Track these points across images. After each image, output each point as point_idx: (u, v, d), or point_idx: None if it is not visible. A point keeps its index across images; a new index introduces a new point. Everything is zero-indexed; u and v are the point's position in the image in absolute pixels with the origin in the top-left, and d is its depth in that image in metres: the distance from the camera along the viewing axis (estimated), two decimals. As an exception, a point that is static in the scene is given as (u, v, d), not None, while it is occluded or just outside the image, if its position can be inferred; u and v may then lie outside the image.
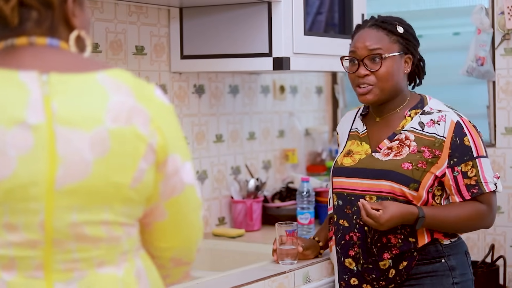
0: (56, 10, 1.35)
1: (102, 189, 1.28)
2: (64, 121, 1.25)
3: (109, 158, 1.27)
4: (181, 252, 1.45)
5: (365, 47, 2.34)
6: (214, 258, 3.00)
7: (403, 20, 2.42)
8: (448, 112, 2.34)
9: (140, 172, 1.31)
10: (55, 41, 1.34)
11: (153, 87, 1.39)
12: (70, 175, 1.25)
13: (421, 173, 2.29)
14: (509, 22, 3.32)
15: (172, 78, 3.04)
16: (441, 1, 3.75)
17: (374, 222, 2.23)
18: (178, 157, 1.37)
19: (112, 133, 1.28)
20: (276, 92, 3.59)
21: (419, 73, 2.47)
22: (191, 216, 1.43)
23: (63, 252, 1.28)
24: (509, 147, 3.41)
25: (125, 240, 1.34)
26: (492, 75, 3.41)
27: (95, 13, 2.72)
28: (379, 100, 2.36)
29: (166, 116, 1.38)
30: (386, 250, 2.31)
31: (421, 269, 2.32)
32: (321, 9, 3.06)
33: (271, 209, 3.29)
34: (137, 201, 1.33)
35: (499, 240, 3.43)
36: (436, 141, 2.30)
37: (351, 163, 2.40)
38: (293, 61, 2.81)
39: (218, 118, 3.26)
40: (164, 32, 3.00)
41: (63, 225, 1.27)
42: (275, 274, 2.43)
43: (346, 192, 2.39)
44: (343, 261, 2.40)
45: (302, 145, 3.70)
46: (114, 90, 1.30)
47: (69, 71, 1.30)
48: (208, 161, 3.20)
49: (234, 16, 2.88)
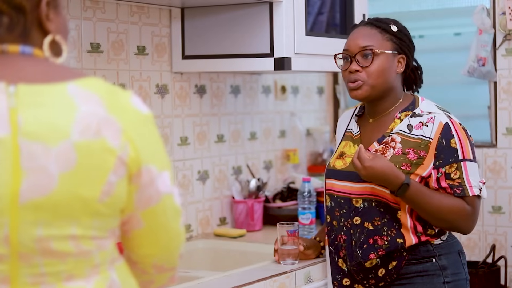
0: (28, 15, 1.31)
1: (68, 203, 1.25)
2: (29, 134, 1.22)
3: (75, 172, 1.24)
4: (161, 259, 1.43)
5: (357, 44, 2.34)
6: (215, 258, 3.00)
7: (399, 22, 2.42)
8: (438, 114, 2.32)
9: (110, 185, 1.28)
10: (28, 48, 1.31)
11: (129, 95, 1.34)
12: (34, 189, 1.23)
13: (405, 175, 2.25)
14: (510, 23, 3.32)
15: (173, 78, 3.04)
16: (442, 2, 3.75)
17: (359, 164, 2.21)
18: (153, 168, 1.33)
19: (78, 147, 1.24)
20: (277, 92, 3.59)
21: (416, 81, 2.46)
22: (170, 224, 1.39)
23: (30, 266, 1.26)
24: (510, 148, 3.41)
25: (97, 254, 1.31)
26: (493, 76, 3.41)
27: (97, 13, 2.72)
28: (370, 96, 2.35)
29: (141, 126, 1.32)
30: (372, 251, 2.30)
31: (411, 269, 2.31)
32: (322, 10, 3.06)
33: (272, 209, 3.29)
34: (108, 214, 1.30)
35: (500, 241, 3.43)
36: (422, 143, 2.28)
37: (342, 166, 2.40)
38: (294, 61, 2.81)
39: (219, 118, 3.26)
40: (166, 32, 3.01)
41: (28, 240, 1.24)
42: (276, 274, 2.43)
43: (336, 194, 2.40)
44: (337, 261, 2.41)
45: (303, 145, 3.70)
46: (83, 101, 1.26)
47: (39, 82, 1.27)
48: (210, 161, 3.20)
49: (236, 16, 2.88)
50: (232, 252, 2.99)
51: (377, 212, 2.30)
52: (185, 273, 2.52)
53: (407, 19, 2.52)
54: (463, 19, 3.60)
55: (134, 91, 2.86)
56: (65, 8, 2.61)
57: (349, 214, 2.34)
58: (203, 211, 3.16)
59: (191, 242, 3.02)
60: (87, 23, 2.69)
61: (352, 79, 2.34)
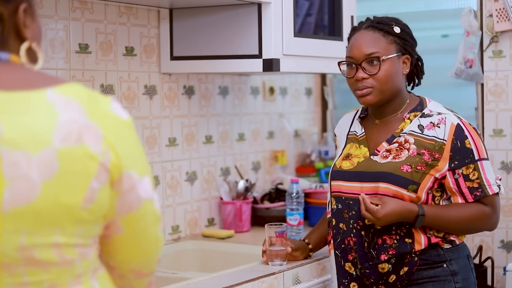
0: (6, 22, 1.30)
1: (51, 211, 1.24)
2: (10, 142, 1.21)
3: (57, 179, 1.23)
4: (140, 264, 1.43)
5: (361, 52, 2.31)
6: (204, 259, 3.00)
7: (399, 20, 2.40)
8: (448, 115, 2.32)
9: (92, 192, 1.27)
10: (4, 54, 1.30)
11: (109, 100, 1.33)
12: (16, 198, 1.22)
13: (421, 175, 2.27)
14: (498, 25, 3.33)
15: (162, 79, 3.04)
16: (430, 4, 3.76)
17: (372, 217, 2.22)
18: (134, 174, 1.33)
19: (60, 154, 1.23)
20: (265, 94, 3.59)
21: (417, 73, 2.45)
22: (149, 229, 1.39)
23: (12, 276, 1.25)
24: (497, 149, 3.42)
25: (79, 263, 1.30)
26: (481, 77, 3.43)
27: (85, 14, 2.72)
28: (380, 101, 2.34)
29: (121, 131, 1.32)
30: (382, 251, 2.29)
31: (422, 274, 2.29)
32: (310, 11, 3.07)
33: (261, 210, 3.29)
34: (91, 221, 1.29)
35: (487, 242, 3.44)
36: (436, 144, 2.28)
37: (350, 167, 2.38)
38: (282, 62, 2.82)
39: (207, 119, 3.26)
40: (154, 33, 3.01)
41: (11, 249, 1.23)
42: (264, 275, 2.44)
43: (344, 196, 2.37)
44: (344, 265, 2.38)
45: (291, 147, 3.71)
46: (64, 108, 1.25)
47: (18, 89, 1.25)
48: (198, 162, 3.20)
49: (224, 17, 2.88)
50: (220, 253, 2.99)
51: None
52: (173, 274, 2.52)
53: (395, 21, 2.53)
54: (451, 21, 3.61)
55: (123, 92, 2.86)
56: (54, 8, 2.60)
57: (359, 215, 2.32)
58: (191, 212, 3.16)
59: (179, 243, 3.02)
60: (75, 23, 2.68)
61: (361, 87, 2.32)
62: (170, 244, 2.96)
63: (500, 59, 3.40)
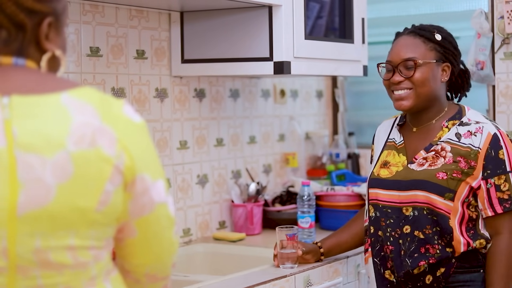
0: (28, 33, 1.31)
1: (66, 214, 1.25)
2: (25, 146, 1.22)
3: (72, 182, 1.24)
4: (154, 268, 1.43)
5: (399, 56, 2.33)
6: (215, 262, 3.00)
7: (443, 29, 2.40)
8: (486, 124, 2.32)
9: (107, 194, 1.28)
10: (20, 60, 1.31)
11: (122, 104, 1.34)
12: (32, 201, 1.22)
13: (456, 183, 2.26)
14: (509, 27, 3.32)
15: (172, 82, 3.04)
16: (441, 5, 3.75)
17: None
18: (147, 177, 1.34)
19: (74, 157, 1.24)
20: (276, 96, 3.59)
21: (463, 85, 2.46)
22: (163, 233, 1.40)
23: (27, 279, 1.25)
24: (509, 151, 3.41)
25: (93, 265, 1.31)
26: (492, 79, 3.42)
27: (96, 17, 2.73)
28: (415, 106, 2.33)
29: (135, 134, 1.33)
30: (423, 259, 2.29)
31: (458, 278, 2.29)
32: (321, 13, 3.07)
33: (272, 213, 3.29)
34: (105, 223, 1.30)
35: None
36: (472, 152, 2.27)
37: (388, 175, 2.38)
38: (293, 65, 2.82)
39: (218, 122, 3.26)
40: (165, 36, 3.01)
41: (27, 252, 1.24)
42: (275, 278, 2.43)
43: (381, 204, 2.37)
44: (383, 272, 2.38)
45: (302, 149, 3.70)
46: (78, 111, 1.26)
47: (32, 92, 1.26)
48: (209, 165, 3.20)
49: (235, 20, 2.88)
50: (231, 256, 2.99)
51: (428, 220, 2.28)
52: (185, 277, 2.52)
53: (405, 23, 2.52)
54: (462, 23, 3.60)
55: (134, 95, 2.86)
56: (65, 12, 2.61)
57: (397, 223, 2.32)
58: (202, 215, 3.16)
59: (190, 246, 3.02)
60: (86, 27, 2.69)
61: (396, 89, 2.33)
62: (181, 247, 2.95)
63: (511, 61, 3.38)
